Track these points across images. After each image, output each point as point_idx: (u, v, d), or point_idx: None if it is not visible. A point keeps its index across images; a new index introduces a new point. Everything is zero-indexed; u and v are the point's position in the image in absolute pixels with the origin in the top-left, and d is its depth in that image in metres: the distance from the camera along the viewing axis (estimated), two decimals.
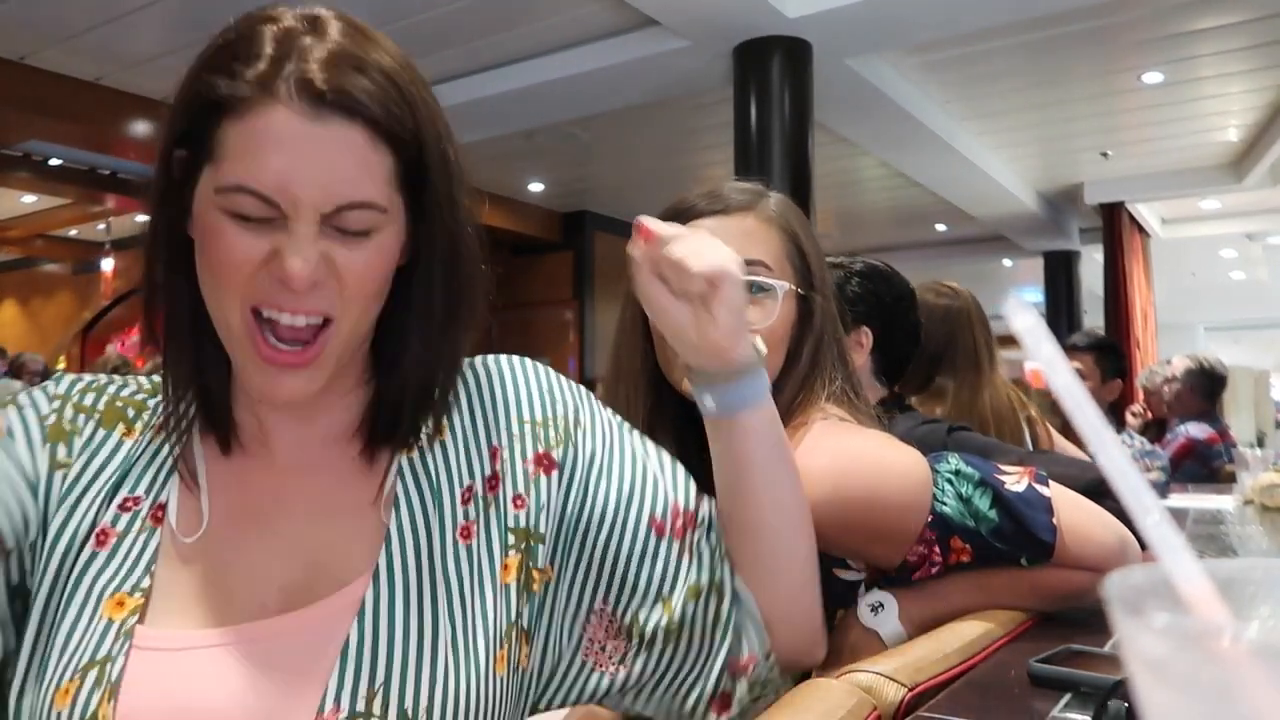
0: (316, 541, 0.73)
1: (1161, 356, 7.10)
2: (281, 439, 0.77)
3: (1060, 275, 9.34)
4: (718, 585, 0.80)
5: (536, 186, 8.02)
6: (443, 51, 4.94)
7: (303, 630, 0.69)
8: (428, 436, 0.78)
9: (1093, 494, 1.06)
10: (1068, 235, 8.95)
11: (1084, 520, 1.02)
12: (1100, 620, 0.33)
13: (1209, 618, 0.28)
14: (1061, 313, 9.15)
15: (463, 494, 0.76)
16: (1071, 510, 1.02)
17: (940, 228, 9.27)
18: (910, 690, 0.82)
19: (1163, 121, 6.26)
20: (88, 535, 0.71)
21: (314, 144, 0.65)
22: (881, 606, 1.02)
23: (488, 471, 0.77)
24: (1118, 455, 0.31)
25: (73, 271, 10.58)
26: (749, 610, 0.81)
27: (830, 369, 1.11)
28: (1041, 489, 1.02)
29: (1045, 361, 0.32)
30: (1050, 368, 0.32)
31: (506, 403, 0.81)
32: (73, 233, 9.66)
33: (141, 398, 0.79)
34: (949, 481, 1.01)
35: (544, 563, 0.77)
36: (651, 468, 0.82)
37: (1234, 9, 4.58)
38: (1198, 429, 3.74)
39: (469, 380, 0.82)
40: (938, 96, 5.79)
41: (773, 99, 4.60)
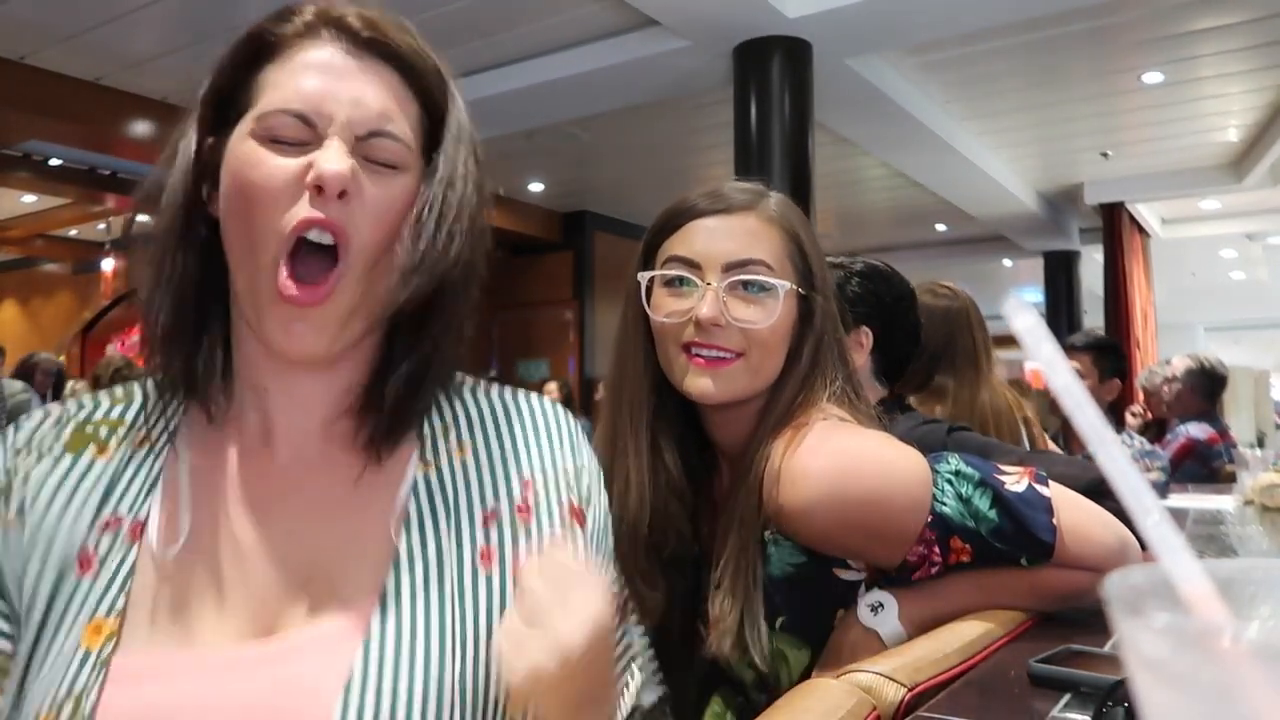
0: (315, 545, 0.70)
1: (1161, 356, 7.10)
2: (284, 432, 0.74)
3: (1060, 275, 9.34)
4: None
5: (536, 186, 8.02)
6: (444, 51, 4.93)
7: (300, 654, 0.65)
8: (448, 454, 0.76)
9: (1093, 494, 1.07)
10: (1068, 235, 8.95)
11: (1084, 520, 1.02)
12: (1100, 620, 0.33)
13: (1209, 618, 0.28)
14: (1061, 313, 9.14)
15: (485, 516, 0.73)
16: (1071, 510, 1.02)
17: (940, 228, 9.27)
18: (910, 690, 0.82)
19: (1163, 121, 6.26)
20: (72, 563, 0.68)
21: (350, 72, 0.70)
22: (881, 606, 1.02)
23: (518, 500, 0.75)
24: (1118, 455, 0.31)
25: (73, 271, 10.58)
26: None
27: (831, 369, 1.11)
28: (1041, 489, 1.02)
29: (1045, 361, 0.32)
30: (1050, 368, 0.32)
31: (539, 441, 0.79)
32: (73, 233, 9.67)
33: (116, 414, 0.76)
34: (949, 481, 1.01)
35: None
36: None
37: (1234, 9, 4.58)
38: (1198, 429, 3.73)
39: (497, 408, 0.81)
40: (938, 96, 5.79)
41: (773, 99, 4.60)
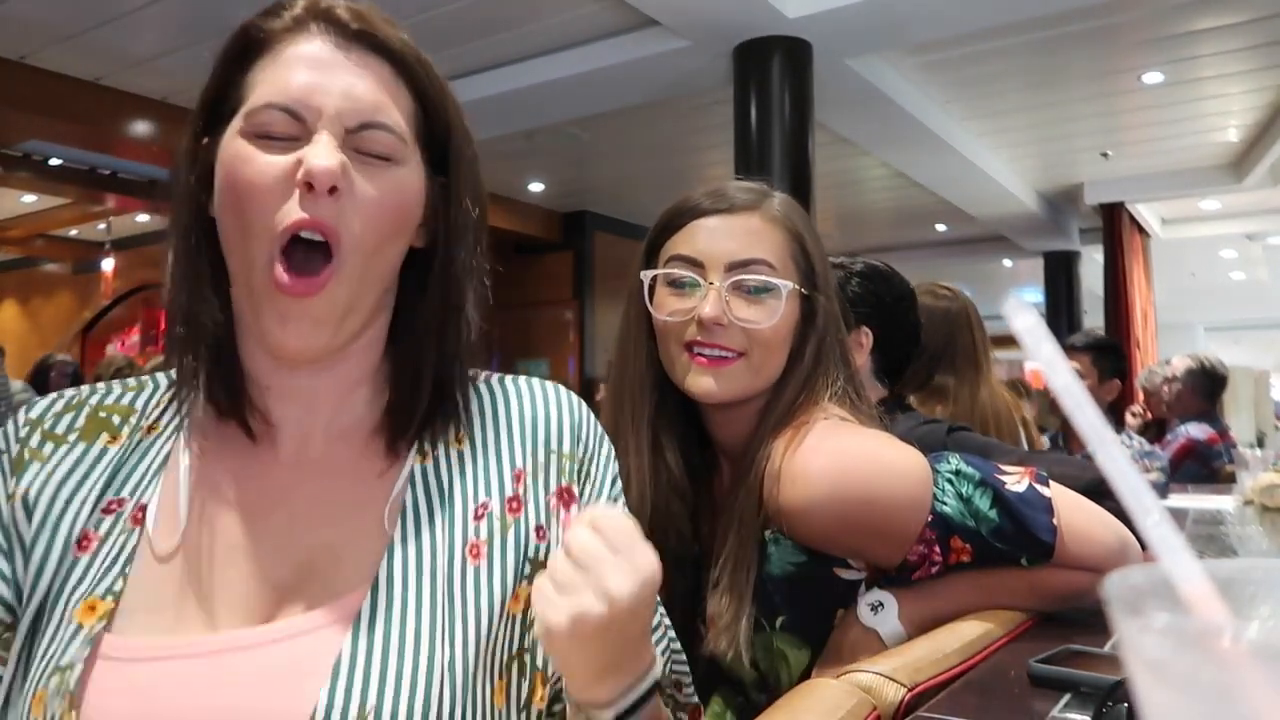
0: (313, 542, 0.71)
1: (1161, 356, 7.10)
2: (287, 430, 0.74)
3: (1060, 275, 9.34)
4: None
5: (536, 186, 8.01)
6: (443, 51, 4.93)
7: (290, 641, 0.66)
8: (445, 445, 0.76)
9: (1093, 494, 1.07)
10: (1068, 235, 8.94)
11: (1084, 520, 1.02)
12: (1100, 620, 0.33)
13: (1209, 618, 0.28)
14: (1061, 313, 9.14)
15: (476, 510, 0.73)
16: (1072, 510, 1.02)
17: (940, 228, 9.27)
18: (910, 690, 0.82)
19: (1163, 122, 6.25)
20: (73, 544, 0.69)
21: (339, 65, 0.70)
22: (881, 606, 1.02)
23: (509, 492, 0.75)
24: (1118, 455, 0.31)
25: (73, 271, 10.57)
26: None
27: (833, 369, 1.11)
28: (1042, 489, 1.02)
29: (1045, 361, 0.32)
30: (1050, 368, 0.32)
31: (535, 427, 0.79)
32: (73, 233, 9.66)
33: (128, 401, 0.77)
34: (949, 481, 1.01)
35: None
36: None
37: (1234, 9, 4.57)
38: (1198, 429, 3.73)
39: (498, 395, 0.80)
40: (938, 96, 5.79)
41: (773, 99, 4.60)
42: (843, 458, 0.99)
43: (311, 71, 0.69)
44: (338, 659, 0.64)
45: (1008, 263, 10.53)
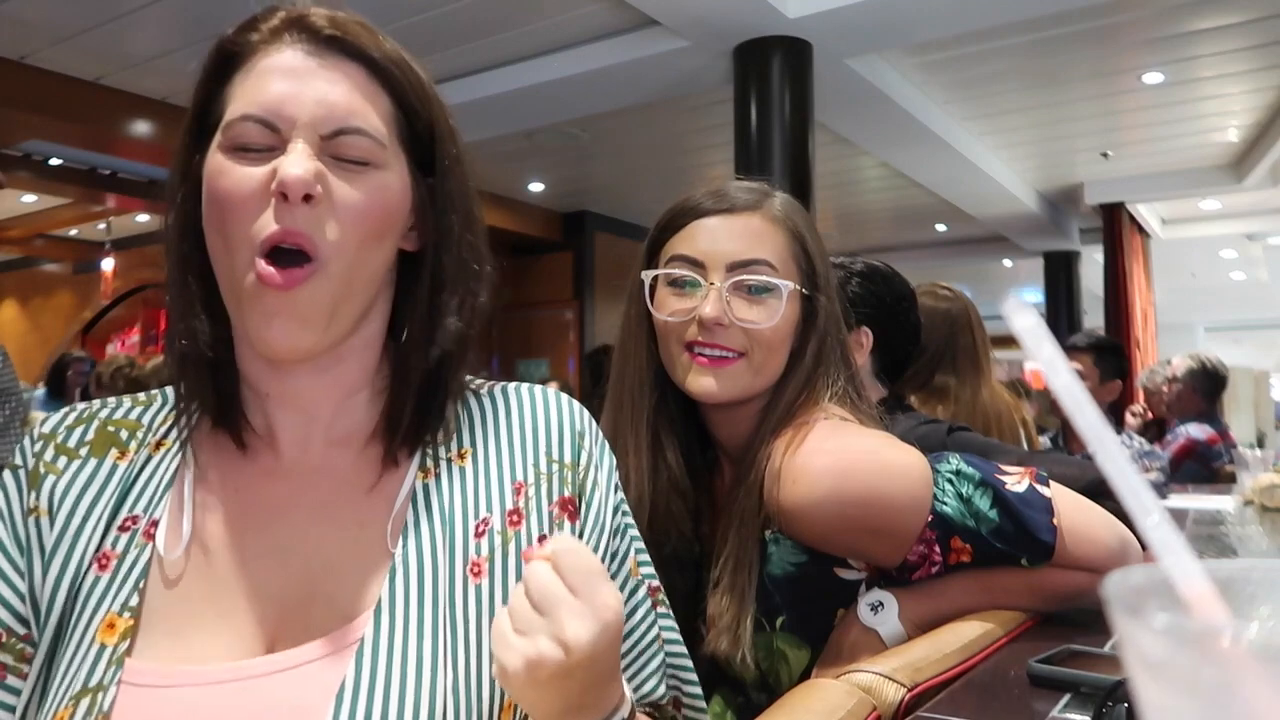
0: (316, 560, 0.71)
1: (1161, 356, 7.10)
2: (288, 437, 0.74)
3: (1060, 275, 9.33)
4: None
5: (536, 186, 8.01)
6: (443, 51, 4.93)
7: (295, 670, 0.65)
8: (447, 461, 0.75)
9: (1093, 494, 1.07)
10: (1068, 235, 8.94)
11: (1084, 521, 1.02)
12: (1100, 620, 0.33)
13: (1209, 618, 0.28)
14: (1061, 313, 9.14)
15: (477, 526, 0.73)
16: (1072, 511, 1.02)
17: (940, 228, 9.26)
18: (910, 690, 0.82)
19: (1163, 122, 6.25)
20: (91, 562, 0.70)
21: (311, 73, 0.69)
22: (881, 606, 1.02)
23: (509, 505, 0.74)
24: (1118, 455, 0.31)
25: (73, 271, 10.57)
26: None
27: (833, 369, 1.11)
28: (1042, 489, 1.02)
29: (1045, 362, 0.32)
30: (1050, 368, 0.32)
31: (537, 437, 0.78)
32: (73, 233, 9.66)
33: (135, 415, 0.78)
34: (949, 481, 1.01)
35: None
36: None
37: (1234, 9, 4.57)
38: (1198, 429, 3.73)
39: (499, 405, 0.80)
40: (938, 96, 5.78)
41: (773, 99, 4.60)
42: (843, 458, 0.99)
43: (284, 81, 0.69)
44: (341, 687, 0.64)
45: (1008, 263, 10.52)
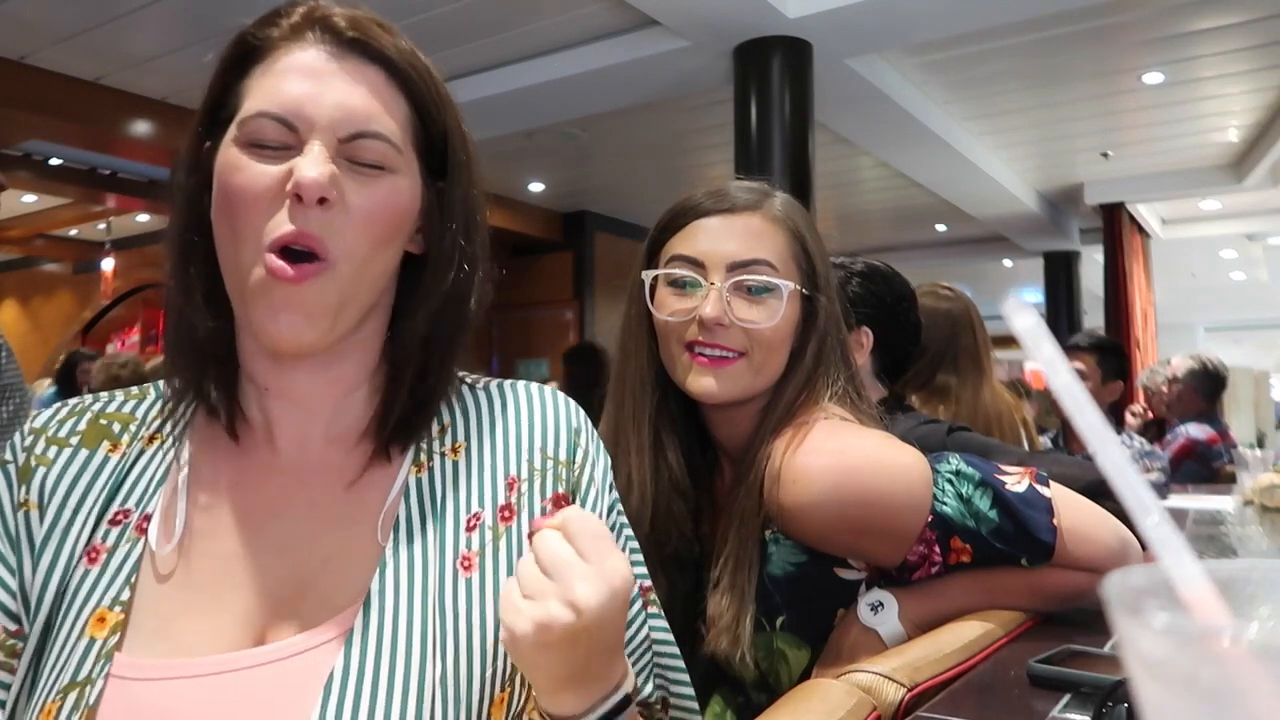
0: (309, 554, 0.71)
1: (1161, 356, 7.10)
2: (286, 433, 0.75)
3: (1060, 276, 9.33)
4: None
5: (536, 186, 8.01)
6: (443, 51, 4.94)
7: (286, 661, 0.66)
8: (440, 456, 0.76)
9: (1093, 494, 1.07)
10: (1068, 236, 8.94)
11: (1084, 521, 1.02)
12: (1100, 620, 0.33)
13: (1209, 618, 0.28)
14: (1061, 313, 9.14)
15: (468, 521, 0.73)
16: (1072, 511, 1.02)
17: (940, 228, 9.26)
18: (910, 690, 0.82)
19: (1163, 122, 6.25)
20: (81, 555, 0.70)
21: (332, 75, 0.69)
22: (881, 606, 1.02)
23: (501, 500, 0.74)
24: (1118, 455, 0.31)
25: (73, 271, 10.57)
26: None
27: (833, 369, 1.11)
28: (1042, 489, 1.02)
29: (1045, 362, 0.32)
30: (1050, 368, 0.32)
31: (532, 433, 0.78)
32: (73, 233, 9.66)
33: (129, 409, 0.78)
34: (949, 481, 1.01)
35: None
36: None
37: (1234, 9, 4.57)
38: (1198, 429, 3.73)
39: (495, 401, 0.80)
40: (938, 96, 5.78)
41: (773, 99, 4.59)
42: (843, 458, 0.99)
43: (305, 81, 0.69)
44: (330, 676, 0.64)
45: (1008, 263, 10.52)
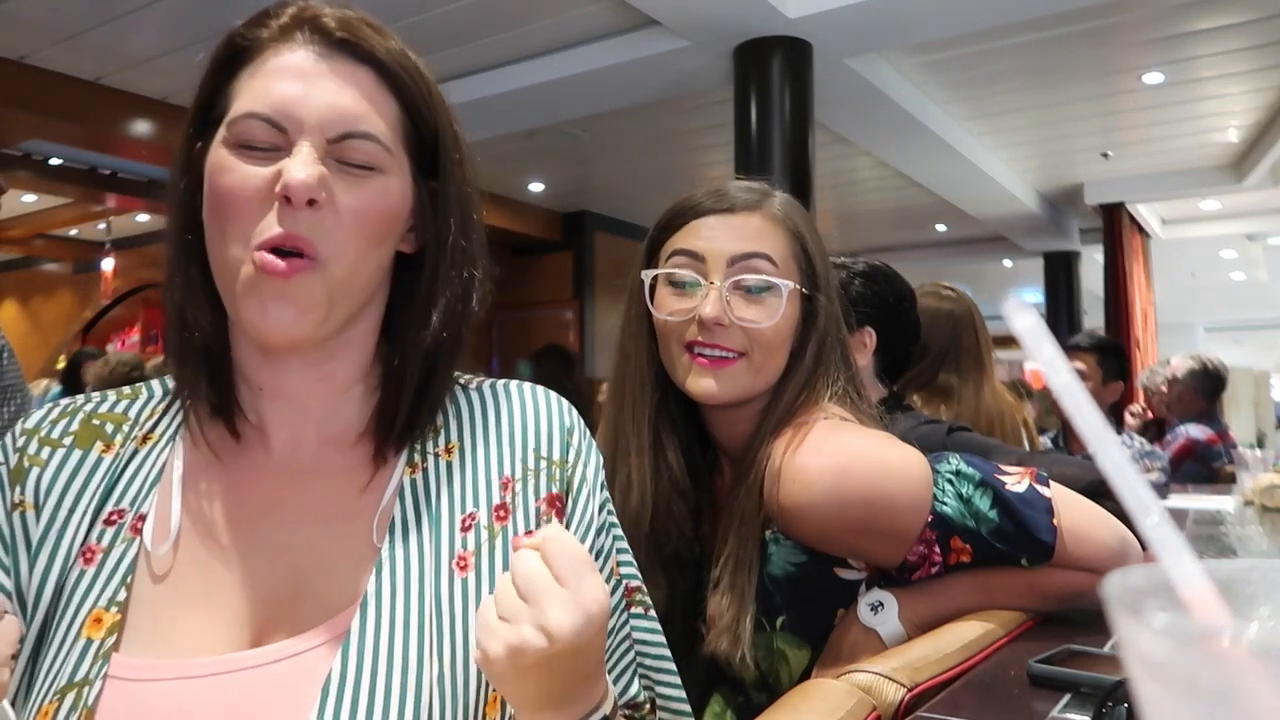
0: (304, 555, 0.71)
1: (1161, 356, 7.10)
2: (280, 433, 0.75)
3: (1060, 276, 9.33)
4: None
5: (536, 186, 8.01)
6: (443, 51, 4.93)
7: (283, 662, 0.66)
8: (434, 456, 0.76)
9: (1093, 494, 1.07)
10: (1068, 236, 8.94)
11: (1084, 521, 1.02)
12: (1100, 620, 0.33)
13: (1209, 618, 0.28)
14: (1061, 313, 9.14)
15: (463, 521, 0.73)
16: (1072, 511, 1.02)
17: (940, 228, 9.26)
18: (910, 690, 0.82)
19: (1163, 122, 6.25)
20: (77, 556, 0.69)
21: (321, 76, 0.69)
22: (881, 606, 1.02)
23: (496, 501, 0.74)
24: (1118, 455, 0.31)
25: (73, 271, 10.57)
26: None
27: (833, 369, 1.11)
28: (1042, 489, 1.02)
29: (1045, 362, 0.32)
30: (1050, 368, 0.32)
31: (525, 433, 0.78)
32: (73, 232, 9.65)
33: (121, 409, 0.77)
34: (949, 481, 1.01)
35: None
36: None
37: (1234, 9, 4.57)
38: (1198, 429, 3.73)
39: (489, 401, 0.80)
40: (938, 97, 5.78)
41: (773, 99, 4.59)
42: (843, 458, 0.99)
43: (294, 82, 0.68)
44: (327, 679, 0.64)
45: (1008, 263, 10.52)
